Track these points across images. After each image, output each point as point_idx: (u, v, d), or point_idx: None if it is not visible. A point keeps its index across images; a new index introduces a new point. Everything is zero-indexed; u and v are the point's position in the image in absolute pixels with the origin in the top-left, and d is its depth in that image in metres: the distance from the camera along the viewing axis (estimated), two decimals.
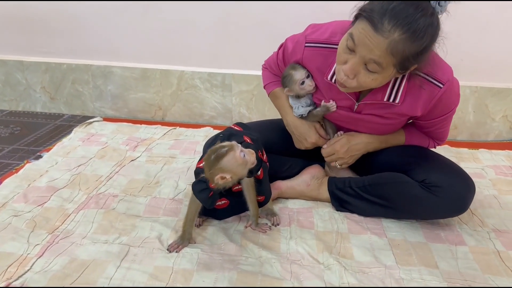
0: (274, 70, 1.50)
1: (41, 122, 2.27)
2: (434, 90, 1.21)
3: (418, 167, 1.30)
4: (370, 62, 1.09)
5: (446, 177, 1.25)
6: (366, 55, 1.08)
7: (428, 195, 1.24)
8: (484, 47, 2.00)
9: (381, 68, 1.09)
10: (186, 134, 2.08)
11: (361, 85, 1.15)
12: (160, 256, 1.18)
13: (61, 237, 1.25)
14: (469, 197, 1.26)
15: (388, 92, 1.24)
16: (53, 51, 2.33)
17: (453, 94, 1.26)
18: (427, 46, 1.08)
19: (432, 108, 1.25)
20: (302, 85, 1.35)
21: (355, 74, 1.13)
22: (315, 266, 1.16)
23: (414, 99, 1.24)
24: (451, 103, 1.28)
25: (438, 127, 1.36)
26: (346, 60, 1.13)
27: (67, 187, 1.53)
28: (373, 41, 1.05)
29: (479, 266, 1.17)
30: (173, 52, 2.24)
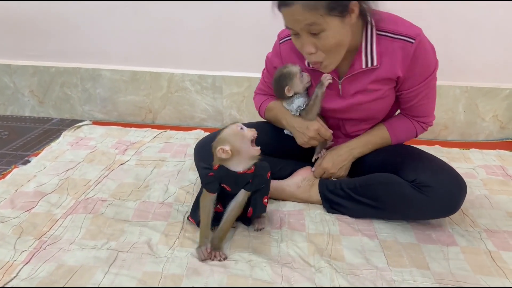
0: (265, 90, 1.53)
1: (30, 126, 2.24)
2: (407, 46, 1.22)
3: (408, 167, 1.30)
4: (310, 29, 1.14)
5: (436, 176, 1.24)
6: (301, 28, 1.15)
7: (419, 195, 1.23)
8: (473, 47, 2.01)
9: (319, 24, 1.13)
10: (176, 137, 2.06)
11: (325, 50, 1.19)
12: (149, 261, 1.16)
13: (49, 243, 1.23)
14: (461, 196, 1.25)
15: (364, 59, 1.26)
16: (41, 54, 2.30)
17: (428, 52, 1.26)
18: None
19: (411, 68, 1.25)
20: (302, 77, 1.35)
21: (313, 45, 1.18)
22: (306, 269, 1.14)
23: (390, 59, 1.25)
24: (428, 64, 1.27)
25: (421, 97, 1.32)
26: (301, 44, 1.19)
27: (55, 192, 1.51)
28: (293, 14, 1.13)
29: (470, 267, 1.17)
30: (163, 54, 2.22)
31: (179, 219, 1.36)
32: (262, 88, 1.55)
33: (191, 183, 1.59)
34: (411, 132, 1.41)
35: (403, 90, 1.31)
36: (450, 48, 2.02)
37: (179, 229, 1.31)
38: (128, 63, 2.26)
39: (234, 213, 1.23)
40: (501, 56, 2.01)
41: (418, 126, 1.41)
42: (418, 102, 1.34)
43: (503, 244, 1.27)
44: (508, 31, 1.96)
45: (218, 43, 2.15)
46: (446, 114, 2.10)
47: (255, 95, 1.59)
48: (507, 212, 1.45)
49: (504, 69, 2.03)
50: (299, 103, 1.38)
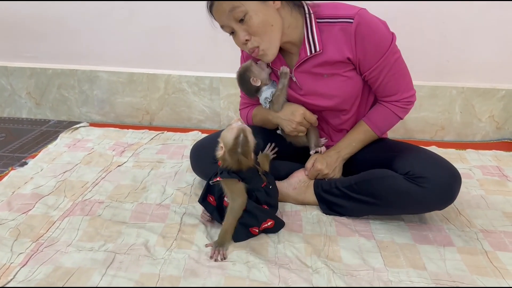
0: (247, 103, 1.57)
1: (27, 128, 2.24)
2: (347, 27, 1.24)
3: (401, 160, 1.30)
4: (234, 16, 1.21)
5: (430, 167, 1.24)
6: (227, 18, 1.23)
7: (414, 186, 1.22)
8: (469, 48, 2.02)
9: (240, 7, 1.20)
10: (173, 138, 2.06)
11: (257, 34, 1.24)
12: (146, 263, 1.16)
13: (46, 245, 1.23)
14: (455, 186, 1.24)
15: (307, 46, 1.30)
16: (38, 56, 2.30)
17: (374, 28, 1.25)
18: None
19: (360, 48, 1.26)
20: (258, 64, 1.40)
21: (245, 33, 1.25)
22: (304, 270, 1.15)
23: (334, 42, 1.28)
24: (379, 39, 1.26)
25: (386, 74, 1.30)
26: (237, 37, 1.27)
27: (52, 194, 1.51)
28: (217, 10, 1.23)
29: (467, 267, 1.17)
30: (160, 56, 2.22)
31: (177, 221, 1.36)
32: (243, 102, 1.58)
33: (189, 184, 1.59)
34: (389, 116, 1.39)
35: (364, 71, 1.31)
36: (446, 48, 2.02)
37: (176, 230, 1.31)
38: (125, 65, 2.26)
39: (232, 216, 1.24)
40: (497, 57, 2.02)
41: (393, 107, 1.37)
42: (384, 80, 1.32)
43: (499, 244, 1.28)
44: (504, 32, 1.97)
45: (215, 44, 2.15)
46: (442, 114, 2.10)
47: (240, 111, 1.61)
48: (503, 212, 1.45)
49: (500, 69, 2.03)
50: (266, 94, 1.40)
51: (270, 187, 1.31)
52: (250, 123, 1.55)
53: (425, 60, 2.04)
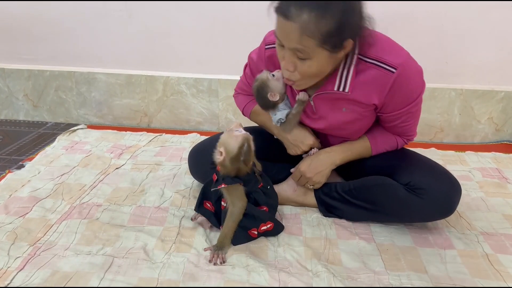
0: (247, 91, 1.48)
1: (24, 131, 2.22)
2: (386, 76, 1.15)
3: (402, 169, 1.29)
4: (297, 50, 1.09)
5: (430, 178, 1.24)
6: (289, 45, 1.09)
7: (413, 197, 1.23)
8: (467, 50, 2.01)
9: (308, 53, 1.08)
10: (172, 140, 2.05)
11: (303, 75, 1.15)
12: (145, 267, 1.15)
13: (43, 249, 1.22)
14: (455, 198, 1.25)
15: (337, 81, 1.20)
16: (35, 58, 2.29)
17: (411, 80, 1.19)
18: (342, 20, 1.04)
19: (390, 96, 1.19)
20: (275, 77, 1.29)
21: (294, 66, 1.14)
22: (304, 274, 1.14)
23: (366, 87, 1.19)
24: (411, 90, 1.21)
25: (404, 119, 1.28)
26: (283, 56, 1.15)
27: (50, 197, 1.50)
28: (287, 30, 1.06)
29: (468, 270, 1.17)
30: (158, 58, 2.21)
31: (175, 224, 1.35)
32: (244, 88, 1.51)
33: (187, 187, 1.58)
34: (392, 145, 1.37)
35: (383, 113, 1.27)
36: (445, 50, 2.02)
37: (175, 234, 1.30)
38: (123, 67, 2.25)
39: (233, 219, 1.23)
40: (495, 59, 2.01)
41: (400, 140, 1.37)
42: (399, 124, 1.30)
43: (500, 247, 1.27)
44: (502, 34, 1.97)
45: (213, 46, 2.14)
46: (441, 116, 2.10)
47: (237, 95, 1.55)
48: (503, 214, 1.45)
49: (499, 71, 2.03)
50: (280, 115, 1.34)
51: (268, 187, 1.30)
52: (246, 116, 1.53)
53: (423, 62, 2.00)
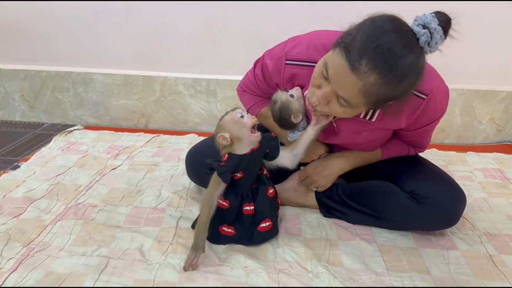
0: (254, 91, 1.41)
1: (20, 131, 2.20)
2: (416, 102, 1.12)
3: (407, 177, 1.26)
4: (339, 98, 1.02)
5: (435, 188, 1.21)
6: (338, 91, 1.01)
7: (417, 207, 1.20)
8: (469, 50, 1.99)
9: (352, 104, 1.02)
10: (169, 141, 2.03)
11: (332, 113, 1.10)
12: (140, 268, 1.12)
13: (37, 250, 1.19)
14: (459, 209, 1.22)
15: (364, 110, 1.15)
16: (32, 58, 2.26)
17: (439, 104, 1.17)
18: (406, 91, 1.00)
19: (415, 119, 1.17)
20: (294, 97, 1.22)
21: (327, 101, 1.06)
22: (304, 275, 1.11)
23: (394, 115, 1.14)
24: (436, 112, 1.18)
25: (422, 136, 1.29)
26: (320, 84, 1.05)
27: (45, 197, 1.47)
28: (346, 80, 0.97)
29: (471, 271, 1.14)
30: (156, 58, 2.19)
31: (172, 225, 1.32)
32: (251, 88, 1.42)
33: (185, 187, 1.56)
34: (403, 152, 1.34)
35: (402, 130, 1.24)
36: (446, 50, 1.99)
37: (172, 234, 1.27)
38: (120, 67, 2.22)
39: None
40: (496, 59, 2.00)
41: (412, 150, 1.35)
42: (416, 139, 1.29)
43: (503, 247, 1.25)
44: (503, 34, 1.95)
45: (212, 46, 2.12)
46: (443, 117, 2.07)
47: (243, 93, 1.46)
48: (506, 215, 1.42)
49: (500, 71, 2.01)
50: (297, 135, 1.28)
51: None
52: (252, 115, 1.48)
53: None
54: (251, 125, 1.16)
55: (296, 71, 1.22)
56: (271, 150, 1.21)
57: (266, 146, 1.20)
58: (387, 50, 0.93)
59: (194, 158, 1.46)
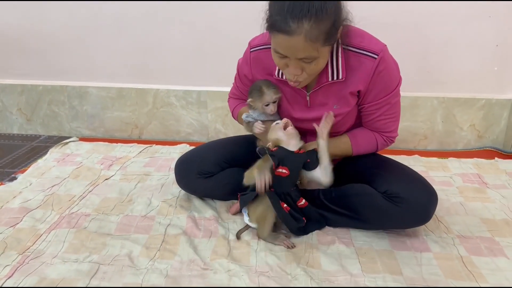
0: (237, 94, 1.57)
1: (18, 144, 2.27)
2: (370, 61, 1.25)
3: (381, 178, 1.33)
4: (304, 59, 1.16)
5: (407, 187, 1.28)
6: (298, 56, 1.15)
7: (391, 205, 1.27)
8: (449, 59, 2.07)
9: (315, 55, 1.15)
10: (162, 151, 2.10)
11: (310, 74, 1.22)
12: (129, 273, 1.19)
13: (32, 257, 1.26)
14: (431, 206, 1.29)
15: (330, 71, 1.28)
16: (28, 73, 2.35)
17: (390, 69, 1.28)
18: (335, 13, 1.12)
19: (372, 82, 1.27)
20: (266, 107, 1.39)
21: (301, 69, 1.19)
22: (283, 277, 1.18)
23: (354, 73, 1.28)
24: (390, 78, 1.29)
25: (384, 111, 1.34)
26: (286, 63, 1.20)
27: (40, 207, 1.54)
28: (293, 44, 1.11)
29: (442, 272, 1.21)
30: (148, 71, 2.27)
31: (161, 232, 1.39)
32: (234, 92, 1.59)
33: (174, 196, 1.63)
34: (371, 142, 1.41)
35: (365, 103, 1.34)
36: (427, 60, 2.08)
37: (160, 241, 1.34)
38: (114, 80, 2.30)
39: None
40: (476, 68, 2.07)
41: (379, 137, 1.40)
42: (379, 117, 1.35)
43: (475, 249, 1.31)
44: (481, 44, 2.03)
45: (202, 59, 2.20)
46: (424, 124, 2.15)
47: (229, 99, 1.64)
48: (480, 218, 1.49)
49: (479, 80, 2.09)
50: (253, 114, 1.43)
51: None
52: (234, 118, 1.60)
53: (406, 71, 2.07)
54: (282, 125, 1.32)
55: (259, 54, 1.39)
56: (312, 161, 1.32)
57: (308, 156, 1.33)
58: (296, 2, 1.08)
59: (182, 166, 1.53)
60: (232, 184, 1.47)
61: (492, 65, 2.06)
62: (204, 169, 1.49)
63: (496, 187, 1.71)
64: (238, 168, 1.43)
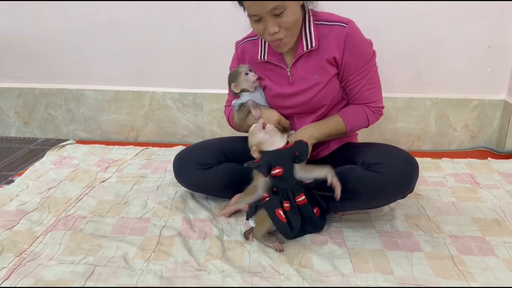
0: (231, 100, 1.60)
1: (15, 147, 2.29)
2: (340, 29, 1.35)
3: (359, 153, 1.39)
4: (274, 12, 1.26)
5: (384, 155, 1.33)
6: (267, 8, 1.25)
7: (370, 173, 1.29)
8: (441, 61, 2.09)
9: (283, 6, 1.25)
10: (158, 153, 2.12)
11: (287, 28, 1.30)
12: (124, 274, 1.21)
13: (28, 259, 1.27)
14: (411, 170, 1.32)
15: (304, 42, 1.38)
16: (25, 76, 2.36)
17: (361, 38, 1.38)
18: None
19: (348, 51, 1.36)
20: (247, 76, 1.47)
21: (277, 25, 1.29)
22: (276, 277, 1.20)
23: (327, 41, 1.37)
24: (363, 48, 1.39)
25: (366, 82, 1.41)
26: (264, 27, 1.31)
27: (37, 210, 1.56)
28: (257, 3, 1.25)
29: (432, 271, 1.22)
30: (144, 74, 2.29)
31: (156, 233, 1.41)
32: (229, 99, 1.64)
33: (170, 198, 1.65)
34: (361, 116, 1.45)
35: (348, 76, 1.41)
36: (420, 62, 2.10)
37: (155, 243, 1.36)
38: (110, 83, 2.32)
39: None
40: (468, 69, 2.09)
41: (367, 109, 1.45)
42: (363, 87, 1.43)
43: (465, 248, 1.33)
44: (473, 45, 2.05)
45: (197, 61, 2.22)
46: (418, 125, 2.17)
47: (225, 108, 1.69)
48: (472, 218, 1.50)
49: (472, 81, 2.11)
50: (240, 100, 1.49)
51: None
52: (230, 124, 1.64)
53: (400, 73, 2.11)
54: (260, 125, 1.32)
55: (244, 46, 1.54)
56: (300, 153, 1.31)
57: (296, 148, 1.32)
58: None
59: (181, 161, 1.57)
60: (228, 177, 1.51)
61: (484, 66, 2.08)
62: (203, 160, 1.52)
63: (488, 187, 1.73)
64: (236, 164, 1.50)
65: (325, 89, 1.42)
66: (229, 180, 1.50)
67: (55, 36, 2.25)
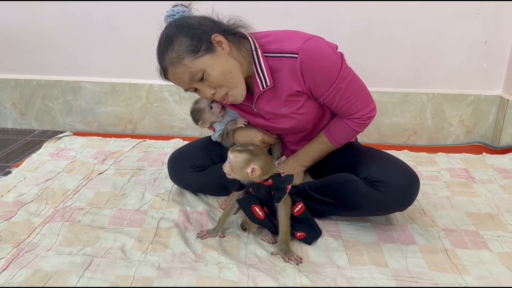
0: None
1: (12, 138, 2.29)
2: (292, 63, 1.25)
3: (362, 165, 1.37)
4: (195, 78, 1.23)
5: (387, 171, 1.31)
6: (188, 82, 1.24)
7: (372, 190, 1.29)
8: (438, 56, 2.10)
9: (197, 69, 1.21)
10: (155, 146, 2.12)
11: (222, 85, 1.26)
12: (121, 265, 1.22)
13: (26, 250, 1.28)
14: (413, 189, 1.32)
15: (258, 81, 1.30)
16: (22, 68, 2.36)
17: (320, 60, 1.25)
18: (189, 33, 1.23)
19: (308, 80, 1.27)
20: (211, 110, 1.45)
21: (211, 88, 1.26)
22: (272, 269, 1.21)
23: (282, 76, 1.29)
24: (325, 68, 1.26)
25: (340, 98, 1.32)
26: (202, 93, 1.29)
27: (34, 201, 1.56)
28: (177, 77, 1.25)
29: (426, 264, 1.24)
30: (141, 66, 2.28)
31: (153, 225, 1.42)
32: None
33: (167, 190, 1.65)
34: (347, 131, 1.42)
35: (318, 98, 1.33)
36: (416, 57, 2.11)
37: (152, 234, 1.37)
38: (108, 75, 2.32)
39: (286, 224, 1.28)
40: (464, 64, 2.11)
41: (351, 123, 1.39)
42: (339, 104, 1.34)
43: (459, 242, 1.35)
44: (470, 41, 2.06)
45: None
46: (414, 120, 2.19)
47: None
48: (466, 212, 1.52)
49: (468, 76, 2.12)
50: (218, 131, 1.50)
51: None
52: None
53: (396, 68, 2.12)
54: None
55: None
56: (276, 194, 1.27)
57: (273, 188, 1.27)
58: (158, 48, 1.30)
59: (176, 161, 1.57)
60: (224, 178, 1.49)
61: (480, 62, 2.10)
62: (197, 162, 1.53)
63: (482, 182, 1.75)
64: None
65: (301, 116, 1.37)
66: (224, 181, 1.48)
67: (52, 28, 2.25)
